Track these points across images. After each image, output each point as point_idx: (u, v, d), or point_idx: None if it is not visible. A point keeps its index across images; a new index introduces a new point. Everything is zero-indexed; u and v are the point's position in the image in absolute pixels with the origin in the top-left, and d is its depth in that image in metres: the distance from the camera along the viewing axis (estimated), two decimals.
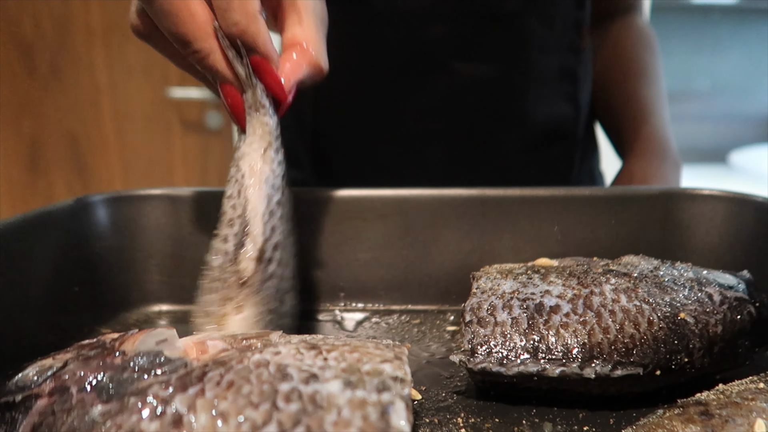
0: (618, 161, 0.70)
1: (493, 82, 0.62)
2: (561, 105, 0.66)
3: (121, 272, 0.47)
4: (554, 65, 0.64)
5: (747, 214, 0.46)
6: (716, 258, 0.46)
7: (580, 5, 0.64)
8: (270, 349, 0.28)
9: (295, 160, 0.68)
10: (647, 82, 0.70)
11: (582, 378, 0.33)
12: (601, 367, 0.33)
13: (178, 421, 0.24)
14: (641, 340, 0.34)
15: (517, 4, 0.60)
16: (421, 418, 0.33)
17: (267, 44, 0.35)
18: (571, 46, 0.64)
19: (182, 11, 0.33)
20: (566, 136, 0.67)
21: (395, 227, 0.47)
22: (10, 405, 0.26)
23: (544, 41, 0.62)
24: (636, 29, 0.74)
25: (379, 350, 0.28)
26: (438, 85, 0.62)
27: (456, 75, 0.61)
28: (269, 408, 0.25)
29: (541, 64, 0.63)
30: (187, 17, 0.33)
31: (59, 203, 0.44)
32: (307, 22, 0.37)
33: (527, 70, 0.62)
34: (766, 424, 0.26)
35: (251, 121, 0.38)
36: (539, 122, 0.64)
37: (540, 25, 0.61)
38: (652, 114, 0.67)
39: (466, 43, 0.60)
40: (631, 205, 0.48)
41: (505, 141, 0.64)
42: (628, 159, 0.66)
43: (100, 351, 0.27)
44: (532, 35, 0.61)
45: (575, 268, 0.38)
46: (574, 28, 0.64)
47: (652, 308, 0.35)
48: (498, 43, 0.61)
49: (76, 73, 1.62)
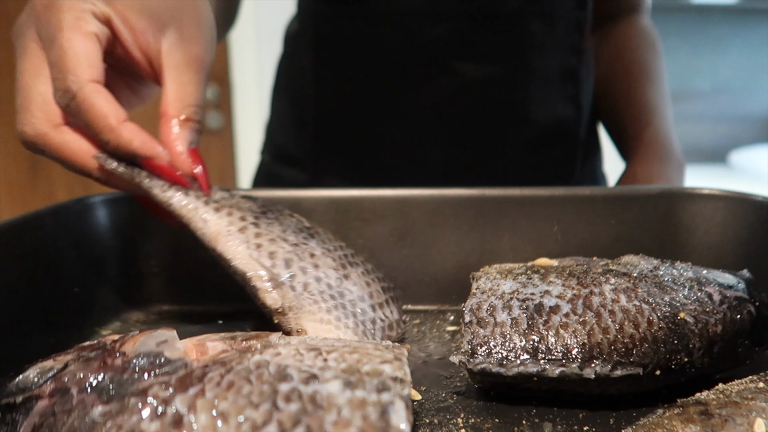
0: (620, 162, 0.70)
1: (494, 83, 0.62)
2: (562, 106, 0.66)
3: (122, 273, 0.47)
4: (555, 66, 0.64)
5: (747, 213, 0.46)
6: (716, 257, 0.46)
7: (582, 6, 0.64)
8: (270, 350, 0.28)
9: (296, 160, 0.68)
10: (650, 84, 0.70)
11: (582, 378, 0.33)
12: (601, 367, 0.33)
13: (178, 421, 0.24)
14: (641, 340, 0.34)
15: (517, 4, 0.60)
16: (421, 418, 0.33)
17: (143, 147, 0.37)
18: (572, 47, 0.64)
19: (64, 151, 0.37)
20: (568, 136, 0.67)
21: (395, 227, 0.47)
22: (11, 406, 0.26)
23: (545, 42, 0.62)
24: (640, 30, 0.74)
25: (379, 351, 0.29)
26: (439, 86, 0.62)
27: (457, 75, 0.61)
28: (269, 408, 0.25)
29: (542, 65, 0.63)
30: (69, 153, 0.37)
31: (59, 204, 0.44)
32: (173, 79, 0.38)
33: (528, 71, 0.62)
34: (765, 424, 0.26)
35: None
36: (540, 123, 0.64)
37: (541, 26, 0.61)
38: (655, 115, 0.68)
39: (467, 43, 0.60)
40: (631, 205, 0.48)
41: (505, 141, 0.64)
42: (632, 161, 0.66)
43: (101, 352, 0.27)
44: (533, 36, 0.61)
45: (575, 268, 0.38)
46: (575, 28, 0.64)
47: (652, 308, 0.35)
48: (499, 43, 0.61)
49: None
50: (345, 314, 0.37)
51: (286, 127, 0.71)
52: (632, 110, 0.69)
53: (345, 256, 0.41)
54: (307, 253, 0.39)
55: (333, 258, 0.40)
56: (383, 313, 0.40)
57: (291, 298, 0.36)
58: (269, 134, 0.75)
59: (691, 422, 0.26)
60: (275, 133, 0.73)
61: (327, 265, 0.39)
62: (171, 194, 0.38)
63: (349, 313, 0.37)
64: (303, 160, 0.68)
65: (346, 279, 0.39)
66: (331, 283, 0.38)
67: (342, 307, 0.38)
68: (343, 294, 0.38)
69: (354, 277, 0.39)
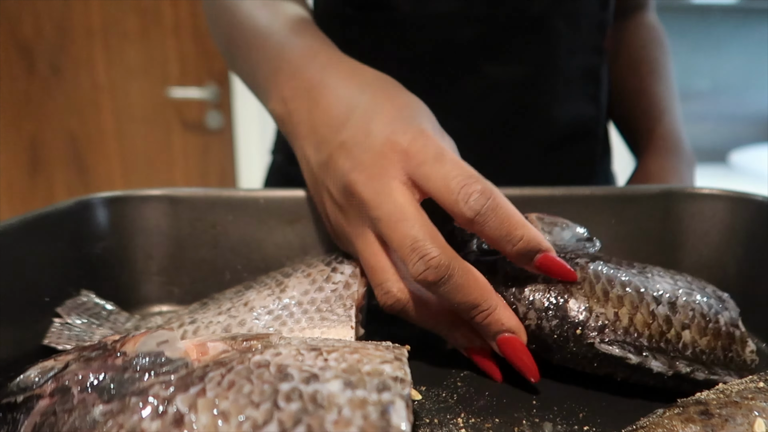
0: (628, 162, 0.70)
1: (520, 84, 0.62)
2: (583, 105, 0.66)
3: (121, 273, 0.47)
4: (579, 66, 0.64)
5: (747, 212, 0.46)
6: (716, 257, 0.47)
7: (604, 6, 0.65)
8: (270, 350, 0.28)
9: None
10: (659, 80, 0.70)
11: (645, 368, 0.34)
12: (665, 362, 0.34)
13: (179, 420, 0.24)
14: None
15: (544, 6, 0.60)
16: (421, 418, 0.33)
17: (543, 240, 0.35)
18: (594, 47, 0.65)
19: (470, 280, 0.34)
20: (588, 135, 0.67)
21: None
22: (12, 406, 0.26)
23: (570, 42, 0.62)
24: (647, 27, 0.74)
25: (379, 351, 0.29)
26: (465, 87, 0.62)
27: (483, 77, 0.61)
28: (270, 407, 0.25)
29: (567, 65, 0.63)
30: (473, 283, 0.34)
31: (59, 204, 0.44)
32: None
33: (553, 71, 0.63)
34: (766, 424, 0.26)
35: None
36: (563, 122, 0.64)
37: (566, 27, 0.62)
38: (665, 111, 0.68)
39: (494, 45, 0.61)
40: (631, 205, 0.48)
41: (529, 141, 0.64)
42: (644, 157, 0.67)
43: (102, 352, 0.27)
44: (559, 37, 0.61)
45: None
46: (598, 29, 0.65)
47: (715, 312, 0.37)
48: (525, 44, 0.61)
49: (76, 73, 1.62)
50: (295, 320, 0.37)
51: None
52: (642, 106, 0.70)
53: (282, 274, 0.41)
54: (241, 304, 0.39)
55: (268, 287, 0.40)
56: (332, 283, 0.39)
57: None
58: (281, 134, 0.74)
59: (691, 422, 0.26)
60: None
61: (260, 301, 0.39)
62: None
63: (299, 317, 0.37)
64: None
65: (283, 292, 0.39)
66: (271, 309, 0.38)
67: (290, 316, 0.37)
68: (286, 305, 0.38)
69: (292, 282, 0.39)
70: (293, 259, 0.47)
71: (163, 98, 1.64)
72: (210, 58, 1.63)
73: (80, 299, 0.42)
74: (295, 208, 0.47)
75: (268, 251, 0.47)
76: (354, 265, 0.40)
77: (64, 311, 0.40)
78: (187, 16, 1.60)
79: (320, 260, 0.41)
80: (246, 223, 0.47)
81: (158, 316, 0.44)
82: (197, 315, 0.39)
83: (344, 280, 0.39)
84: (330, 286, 0.39)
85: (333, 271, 0.40)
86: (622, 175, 0.78)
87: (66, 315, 0.40)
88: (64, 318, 0.40)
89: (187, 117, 1.67)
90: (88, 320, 0.40)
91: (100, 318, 0.41)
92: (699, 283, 0.39)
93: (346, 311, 0.37)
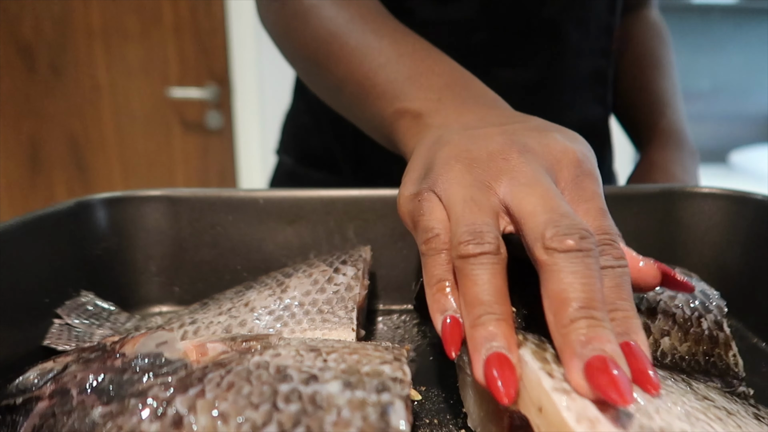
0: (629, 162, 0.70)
1: (530, 87, 0.63)
2: (592, 106, 0.67)
3: (121, 274, 0.47)
4: (587, 68, 0.65)
5: (747, 212, 0.46)
6: (716, 257, 0.46)
7: (612, 10, 0.65)
8: (270, 351, 0.28)
9: (334, 164, 0.68)
10: (662, 75, 0.71)
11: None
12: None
13: (178, 421, 0.24)
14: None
15: (555, 12, 0.61)
16: (421, 418, 0.33)
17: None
18: (602, 50, 0.66)
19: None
20: (596, 135, 0.68)
21: (395, 227, 0.47)
22: (11, 407, 0.26)
23: (579, 46, 0.63)
24: (649, 23, 0.75)
25: (379, 352, 0.29)
26: None
27: (495, 80, 0.61)
28: (269, 408, 0.25)
29: (576, 68, 0.64)
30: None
31: (59, 205, 0.44)
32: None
33: (563, 74, 0.63)
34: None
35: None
36: (572, 124, 0.64)
37: (576, 31, 0.62)
38: (668, 106, 0.69)
39: (506, 49, 0.61)
40: (631, 205, 0.48)
41: None
42: (648, 149, 0.67)
43: (101, 354, 0.27)
44: (569, 41, 0.62)
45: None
46: (606, 32, 0.66)
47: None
48: (536, 49, 0.62)
49: (76, 73, 1.62)
50: (297, 321, 0.37)
51: (318, 131, 0.70)
52: (646, 101, 0.70)
53: (283, 274, 0.41)
54: (242, 305, 0.39)
55: (269, 287, 0.40)
56: (334, 284, 0.39)
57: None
58: (290, 135, 0.74)
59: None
60: (301, 136, 0.73)
61: (261, 301, 0.38)
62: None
63: (301, 318, 0.37)
64: (342, 163, 0.67)
65: (284, 293, 0.39)
66: (273, 309, 0.38)
67: (291, 316, 0.37)
68: (288, 306, 0.38)
69: (293, 282, 0.39)
70: (293, 259, 0.47)
71: (163, 98, 1.65)
72: (210, 58, 1.63)
73: (80, 300, 0.42)
74: (295, 208, 0.47)
75: (268, 251, 0.47)
76: (356, 266, 0.40)
77: (64, 312, 0.40)
78: (187, 16, 1.60)
79: (322, 260, 0.41)
80: (246, 224, 0.47)
81: (158, 317, 0.44)
82: (198, 315, 0.39)
83: (346, 281, 0.39)
84: (332, 288, 0.38)
85: (335, 272, 0.40)
86: (622, 175, 0.78)
87: (66, 316, 0.40)
88: (64, 319, 0.40)
89: (187, 117, 1.67)
90: (88, 321, 0.40)
91: (100, 318, 0.41)
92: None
93: (348, 313, 0.37)
